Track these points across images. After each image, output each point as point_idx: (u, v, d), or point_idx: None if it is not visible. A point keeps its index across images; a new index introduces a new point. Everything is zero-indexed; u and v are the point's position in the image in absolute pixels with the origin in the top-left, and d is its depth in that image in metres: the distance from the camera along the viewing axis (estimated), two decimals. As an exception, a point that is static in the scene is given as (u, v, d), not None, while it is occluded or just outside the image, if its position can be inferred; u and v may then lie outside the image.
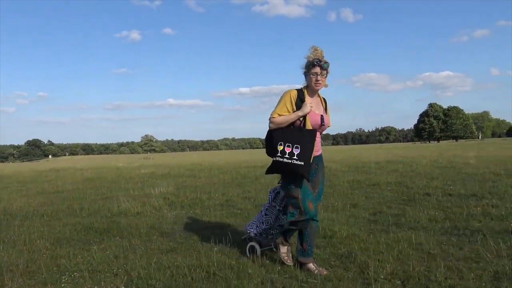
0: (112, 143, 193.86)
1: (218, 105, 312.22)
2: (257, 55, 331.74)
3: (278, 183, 3.30)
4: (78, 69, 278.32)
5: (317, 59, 3.03)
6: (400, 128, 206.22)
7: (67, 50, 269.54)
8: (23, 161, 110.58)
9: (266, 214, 3.40)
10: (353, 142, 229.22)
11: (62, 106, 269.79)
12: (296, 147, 2.93)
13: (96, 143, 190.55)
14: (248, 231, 3.51)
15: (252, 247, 3.49)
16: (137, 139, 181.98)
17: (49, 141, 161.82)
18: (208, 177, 11.71)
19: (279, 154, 2.95)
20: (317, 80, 3.05)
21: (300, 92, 3.10)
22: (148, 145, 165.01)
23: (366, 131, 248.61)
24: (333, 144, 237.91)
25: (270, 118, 3.05)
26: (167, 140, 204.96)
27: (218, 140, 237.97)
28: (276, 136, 3.01)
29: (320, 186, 3.22)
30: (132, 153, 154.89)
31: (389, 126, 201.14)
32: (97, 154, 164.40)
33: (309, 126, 3.03)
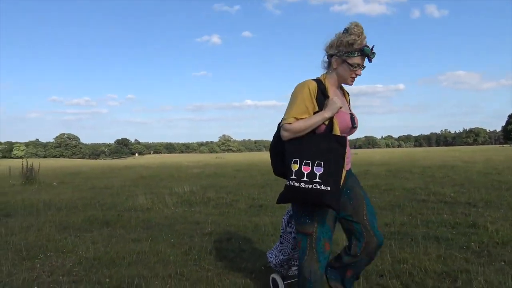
0: (193, 143, 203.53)
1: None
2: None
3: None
4: (163, 73, 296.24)
5: (366, 45, 2.16)
6: (492, 130, 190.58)
7: (152, 55, 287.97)
8: (113, 158, 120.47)
9: (281, 243, 2.72)
10: (438, 144, 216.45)
11: (148, 108, 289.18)
12: (319, 165, 2.03)
13: (178, 142, 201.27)
14: (269, 261, 2.86)
15: (274, 281, 2.90)
16: (216, 139, 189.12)
17: (136, 140, 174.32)
18: (246, 177, 12.37)
19: (293, 177, 2.04)
20: (356, 75, 2.22)
21: (320, 83, 2.19)
22: (225, 145, 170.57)
23: (452, 132, 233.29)
24: (415, 145, 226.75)
25: (282, 124, 2.14)
26: (244, 140, 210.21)
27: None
28: (289, 149, 2.12)
29: (366, 200, 2.30)
30: (211, 152, 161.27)
31: (478, 128, 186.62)
32: (179, 152, 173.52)
33: (337, 131, 2.12)
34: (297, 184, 2.02)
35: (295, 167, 2.05)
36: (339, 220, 2.31)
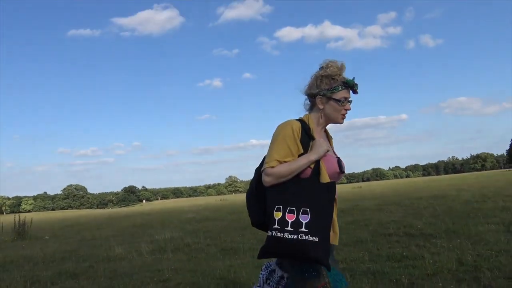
0: (200, 186, 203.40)
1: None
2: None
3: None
4: (167, 118, 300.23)
5: (349, 78, 2.05)
6: (500, 154, 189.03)
7: (156, 101, 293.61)
8: (121, 207, 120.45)
9: None
10: (446, 172, 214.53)
11: (154, 154, 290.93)
12: (305, 213, 1.82)
13: (185, 187, 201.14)
14: None
15: None
16: (223, 180, 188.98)
17: (143, 186, 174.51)
18: (234, 220, 12.51)
19: (276, 226, 1.82)
20: (346, 110, 2.08)
21: (303, 124, 2.04)
22: (232, 186, 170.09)
23: (460, 159, 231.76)
24: (423, 175, 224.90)
25: (265, 168, 1.94)
26: (250, 180, 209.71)
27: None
28: (270, 196, 1.93)
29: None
30: (218, 194, 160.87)
31: (485, 153, 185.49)
32: (186, 197, 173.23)
33: (325, 176, 1.93)
34: (281, 235, 1.79)
35: (278, 215, 1.83)
36: None
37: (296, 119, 2.06)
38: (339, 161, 2.05)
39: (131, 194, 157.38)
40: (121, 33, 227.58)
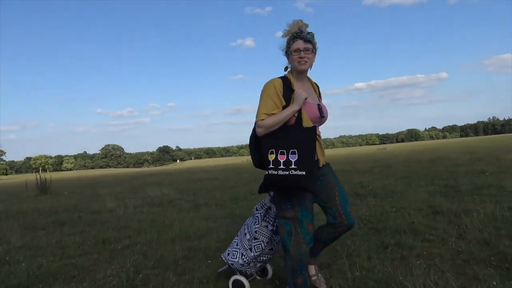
0: (233, 146, 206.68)
1: (333, 103, 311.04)
2: (369, 47, 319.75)
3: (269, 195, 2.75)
4: (200, 79, 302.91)
5: (298, 30, 2.40)
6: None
7: (189, 62, 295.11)
8: (156, 166, 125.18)
9: (255, 238, 2.72)
10: (485, 133, 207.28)
11: (188, 114, 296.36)
12: (293, 153, 2.25)
13: (218, 147, 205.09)
14: (231, 262, 2.84)
15: (238, 283, 2.87)
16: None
17: (177, 147, 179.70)
18: (238, 179, 13.47)
19: (271, 166, 2.27)
20: (301, 58, 2.41)
21: (285, 79, 2.44)
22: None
23: (501, 119, 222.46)
24: (461, 136, 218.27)
25: (256, 121, 2.37)
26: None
27: (334, 138, 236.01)
28: (264, 142, 2.35)
29: (338, 187, 2.56)
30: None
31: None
32: (219, 157, 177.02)
33: (307, 121, 2.37)
34: (275, 172, 2.24)
35: (272, 157, 2.27)
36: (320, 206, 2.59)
37: (279, 77, 2.46)
38: (319, 107, 2.45)
39: (165, 154, 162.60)
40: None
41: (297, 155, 2.24)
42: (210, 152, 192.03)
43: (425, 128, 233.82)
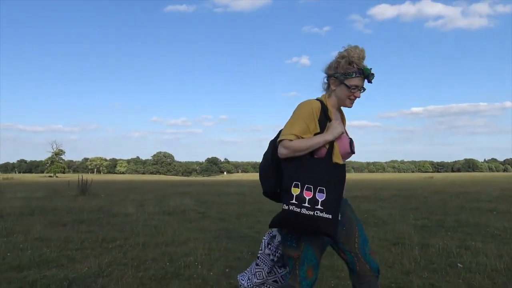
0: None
1: (387, 126, 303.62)
2: (429, 71, 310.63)
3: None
4: (253, 94, 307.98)
5: (371, 71, 2.14)
6: None
7: (244, 76, 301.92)
8: (204, 176, 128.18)
9: (257, 265, 2.61)
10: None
11: (239, 127, 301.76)
12: (321, 191, 1.97)
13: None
14: (239, 284, 2.74)
15: None
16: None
17: (225, 159, 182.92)
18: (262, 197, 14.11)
19: (294, 201, 1.96)
20: (355, 97, 2.18)
21: (322, 105, 2.16)
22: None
23: None
24: (505, 170, 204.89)
25: (281, 139, 2.05)
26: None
27: (385, 162, 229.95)
28: (289, 170, 2.03)
29: (358, 226, 2.23)
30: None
31: None
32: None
33: (338, 157, 2.08)
34: (298, 210, 1.94)
35: (296, 191, 1.96)
36: (332, 247, 2.25)
37: (316, 99, 2.18)
38: (351, 142, 2.21)
39: (213, 165, 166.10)
40: (214, 9, 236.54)
41: (325, 195, 1.96)
42: (257, 167, 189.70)
43: (485, 159, 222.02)
